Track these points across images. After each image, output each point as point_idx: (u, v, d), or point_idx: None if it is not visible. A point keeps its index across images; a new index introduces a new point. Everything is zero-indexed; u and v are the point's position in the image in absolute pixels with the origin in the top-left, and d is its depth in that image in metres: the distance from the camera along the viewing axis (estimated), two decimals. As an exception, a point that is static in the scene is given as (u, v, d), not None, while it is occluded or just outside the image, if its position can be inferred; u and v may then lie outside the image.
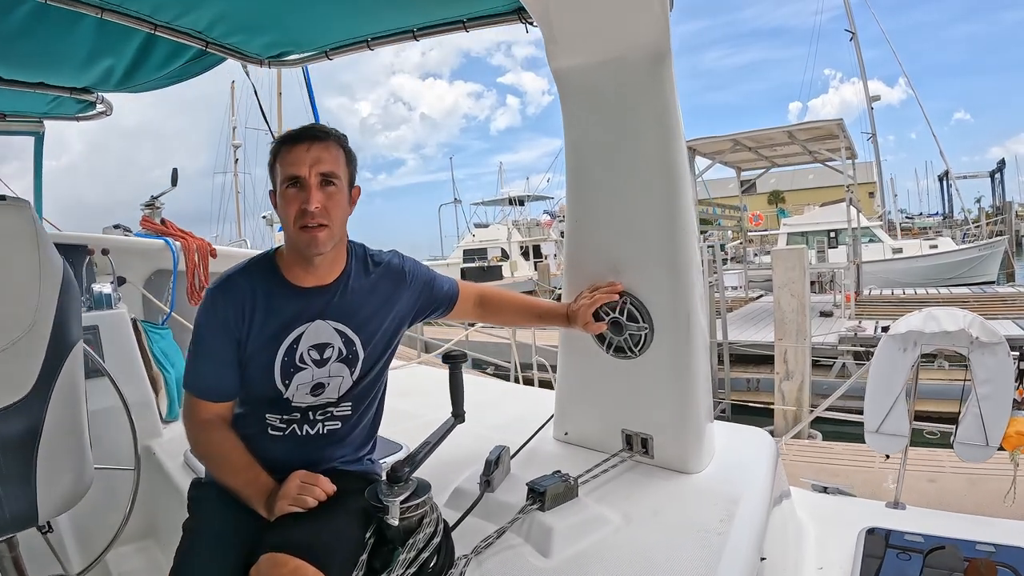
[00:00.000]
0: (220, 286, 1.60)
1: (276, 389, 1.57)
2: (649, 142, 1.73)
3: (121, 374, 2.52)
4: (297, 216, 1.50)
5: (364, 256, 1.71)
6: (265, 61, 2.75)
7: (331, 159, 1.54)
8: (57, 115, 3.73)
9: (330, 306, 1.60)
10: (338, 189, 1.55)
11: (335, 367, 1.60)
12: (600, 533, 1.58)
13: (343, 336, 1.60)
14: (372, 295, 1.66)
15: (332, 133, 1.59)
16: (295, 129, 1.59)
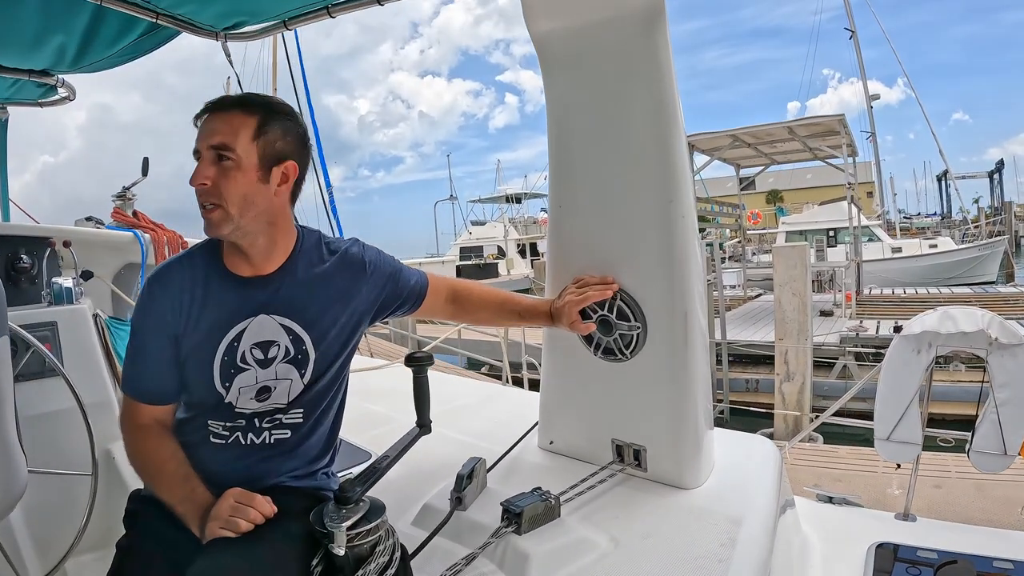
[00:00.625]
0: (157, 275, 1.45)
1: (216, 392, 1.39)
2: (642, 116, 1.54)
3: (81, 373, 2.41)
4: (197, 194, 1.35)
5: (318, 244, 1.51)
6: (220, 34, 2.59)
7: (227, 130, 1.35)
8: (20, 100, 3.63)
9: (274, 299, 1.41)
10: (235, 163, 1.34)
11: (282, 368, 1.41)
12: (584, 560, 1.41)
13: (291, 333, 1.41)
14: (325, 287, 1.47)
15: (245, 101, 1.41)
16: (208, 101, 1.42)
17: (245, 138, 1.35)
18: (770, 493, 1.70)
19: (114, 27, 2.46)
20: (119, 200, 3.63)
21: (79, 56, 2.75)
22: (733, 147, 14.28)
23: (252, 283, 1.42)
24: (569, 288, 1.73)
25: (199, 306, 1.40)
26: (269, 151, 1.38)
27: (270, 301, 1.41)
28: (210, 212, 1.34)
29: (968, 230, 28.79)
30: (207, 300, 1.40)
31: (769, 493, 1.70)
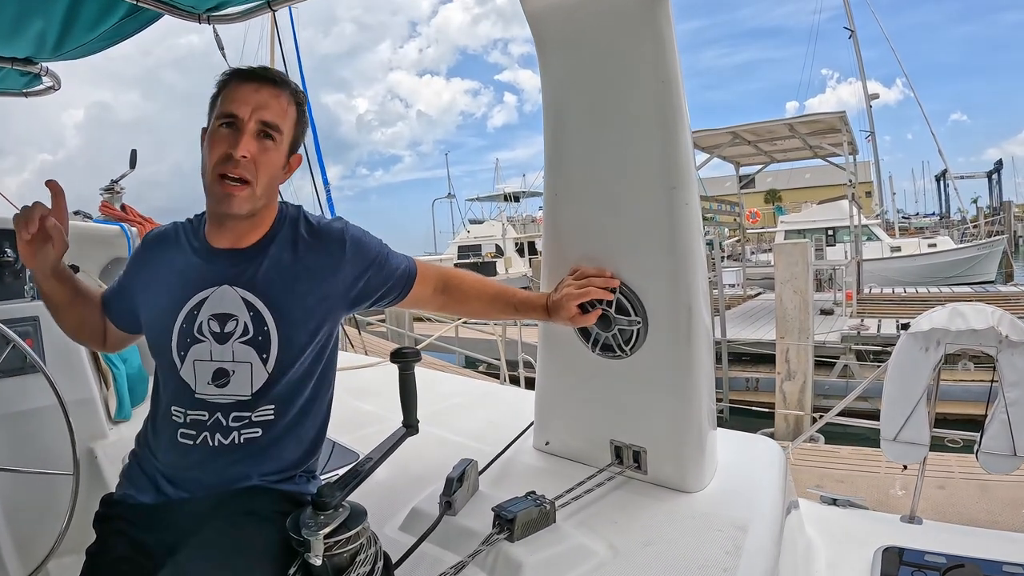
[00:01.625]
0: (150, 233, 1.53)
1: (172, 362, 1.33)
2: (644, 97, 1.45)
3: (63, 370, 2.38)
4: (220, 160, 1.29)
5: (296, 220, 1.44)
6: (202, 16, 2.51)
7: (278, 109, 1.34)
8: (3, 90, 3.47)
9: (242, 272, 1.35)
10: (276, 145, 1.34)
11: (240, 349, 1.32)
12: (580, 569, 1.33)
13: (252, 309, 1.33)
14: (297, 266, 1.38)
15: (290, 84, 1.39)
16: (250, 67, 1.37)
17: (289, 121, 1.37)
18: (775, 496, 1.62)
19: (94, 10, 2.39)
20: (107, 193, 3.57)
21: (60, 42, 2.68)
22: (733, 144, 14.21)
23: (224, 254, 1.37)
24: (567, 280, 1.63)
25: (169, 268, 1.40)
26: (296, 140, 1.40)
27: (237, 274, 1.35)
28: (238, 188, 1.29)
29: (967, 230, 28.80)
30: (179, 266, 1.39)
31: (774, 496, 1.62)
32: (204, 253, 1.38)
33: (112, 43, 2.68)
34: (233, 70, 1.36)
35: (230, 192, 1.28)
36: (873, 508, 2.46)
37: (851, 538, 2.00)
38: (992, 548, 1.89)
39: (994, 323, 2.23)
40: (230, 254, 1.36)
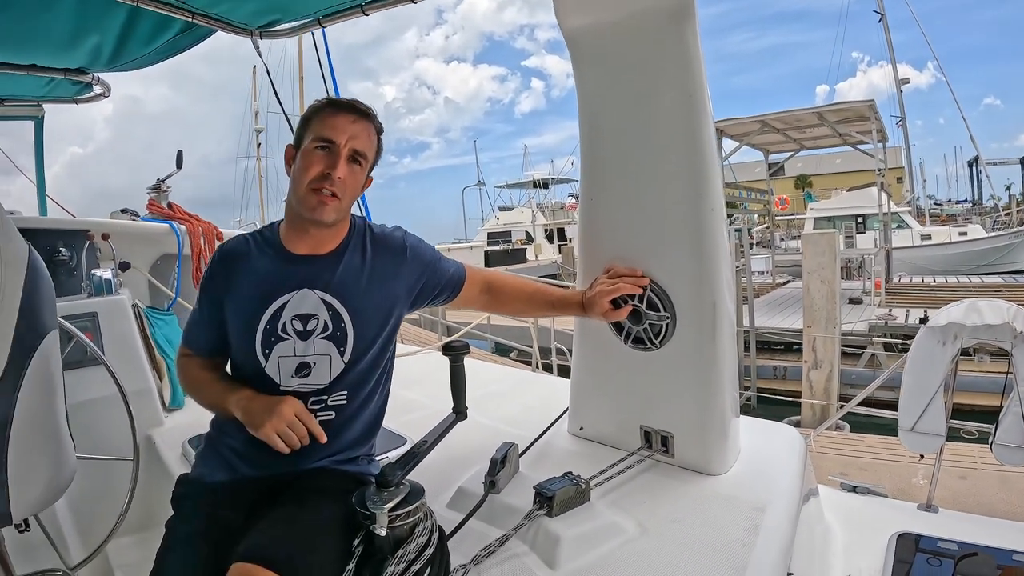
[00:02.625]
0: (222, 247, 1.63)
1: (256, 360, 1.48)
2: (671, 110, 1.55)
3: (121, 362, 2.48)
4: (316, 178, 1.47)
5: (365, 230, 1.62)
6: (255, 32, 2.64)
7: (367, 140, 1.54)
8: (55, 98, 3.70)
9: (319, 276, 1.51)
10: (361, 170, 1.55)
11: (320, 344, 1.49)
12: (612, 543, 1.44)
13: (330, 309, 1.49)
14: (367, 270, 1.56)
15: (376, 118, 1.58)
16: (346, 98, 1.58)
17: (372, 151, 1.56)
18: (794, 481, 1.72)
19: (149, 26, 2.51)
20: (154, 192, 3.72)
21: (115, 55, 2.81)
22: (762, 133, 14.15)
23: (303, 260, 1.52)
24: (600, 279, 1.76)
25: (250, 275, 1.53)
26: (373, 163, 1.58)
27: (315, 277, 1.50)
28: (329, 200, 1.47)
29: (999, 217, 28.21)
30: (258, 270, 1.53)
31: (793, 481, 1.72)
32: (284, 259, 1.53)
33: (166, 57, 2.80)
34: (329, 100, 1.55)
35: (324, 201, 1.46)
36: (894, 496, 2.51)
37: (868, 524, 2.06)
38: (1006, 537, 1.95)
39: (1009, 319, 2.30)
40: (309, 260, 1.52)
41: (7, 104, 3.74)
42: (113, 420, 2.26)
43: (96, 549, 2.10)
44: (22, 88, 3.51)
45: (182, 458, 2.43)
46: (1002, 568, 1.80)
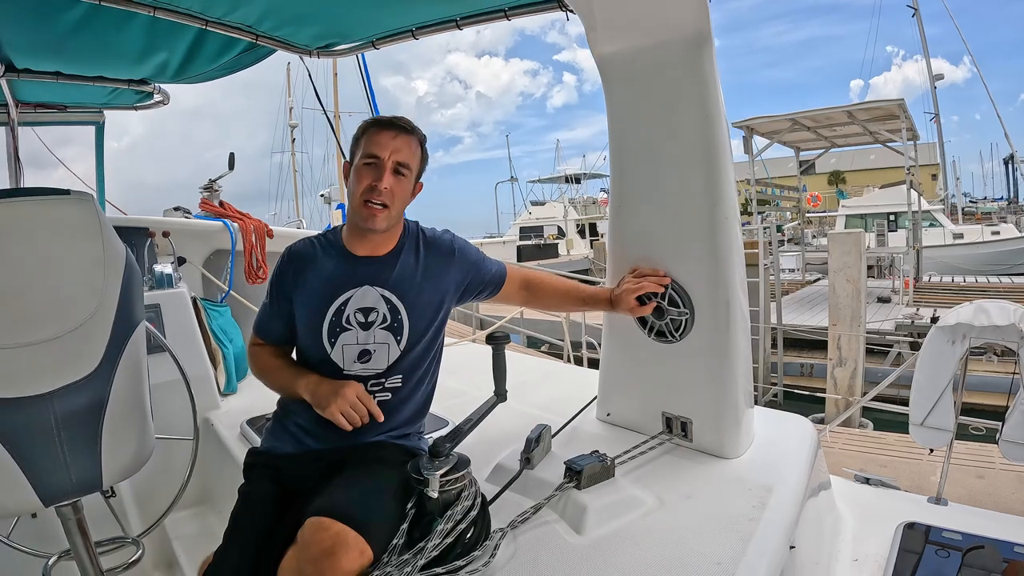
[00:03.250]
0: (289, 248, 1.80)
1: (323, 348, 1.67)
2: (690, 128, 1.73)
3: (181, 349, 2.61)
4: (365, 190, 1.64)
5: (417, 233, 1.81)
6: (314, 52, 2.82)
7: (409, 152, 1.70)
8: (116, 105, 3.90)
9: (380, 275, 1.71)
10: (407, 179, 1.71)
11: (380, 334, 1.68)
12: (633, 514, 1.61)
13: (388, 303, 1.69)
14: (420, 269, 1.75)
15: (417, 131, 1.74)
16: (389, 116, 1.74)
17: (416, 160, 1.73)
18: (803, 467, 1.86)
19: (215, 46, 2.69)
20: (206, 192, 3.94)
21: (180, 70, 2.99)
22: (792, 130, 14.15)
23: (364, 260, 1.72)
24: (627, 278, 1.94)
25: (316, 274, 1.72)
26: (419, 173, 1.75)
27: (375, 276, 1.70)
28: (379, 210, 1.65)
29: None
30: (324, 270, 1.72)
31: (802, 467, 1.86)
32: (347, 260, 1.72)
33: (228, 73, 2.99)
34: (374, 120, 1.73)
35: (373, 213, 1.64)
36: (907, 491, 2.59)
37: (878, 513, 2.17)
38: (1009, 531, 2.05)
39: (1015, 320, 2.41)
40: (369, 260, 1.72)
41: (70, 110, 3.97)
42: (174, 403, 2.40)
43: (156, 521, 2.22)
44: (86, 96, 3.71)
45: (241, 437, 2.64)
46: (1008, 561, 1.89)
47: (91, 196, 1.45)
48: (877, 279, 15.02)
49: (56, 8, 2.38)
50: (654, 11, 1.67)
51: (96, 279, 1.38)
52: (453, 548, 1.39)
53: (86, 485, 1.41)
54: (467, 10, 2.42)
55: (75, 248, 1.37)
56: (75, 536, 1.51)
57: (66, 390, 1.32)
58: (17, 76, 3.09)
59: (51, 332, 1.30)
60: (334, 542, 1.31)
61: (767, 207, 16.10)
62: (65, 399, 1.32)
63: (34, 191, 1.37)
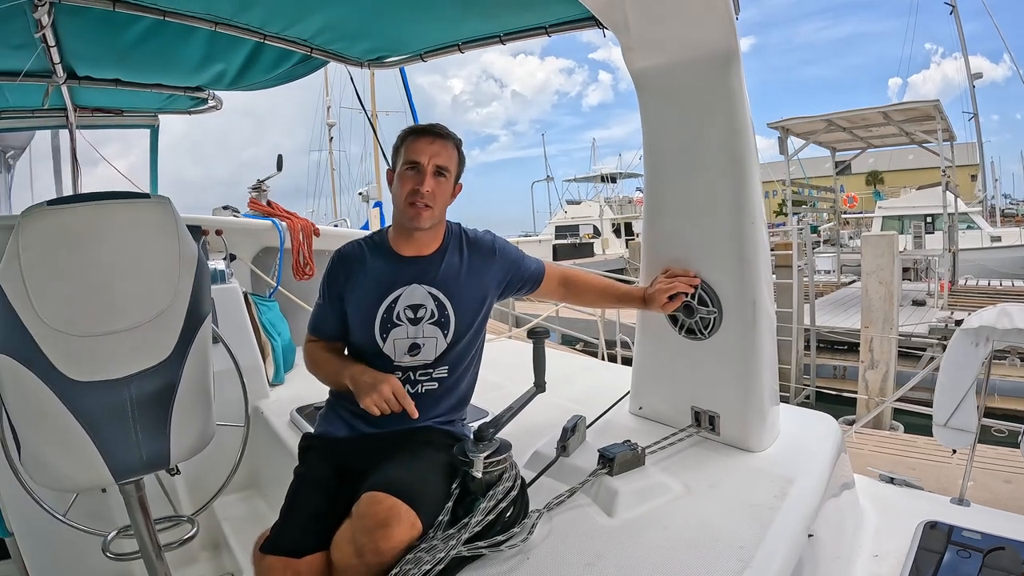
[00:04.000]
0: (339, 251, 1.93)
1: (375, 343, 1.81)
2: (719, 139, 1.84)
3: (233, 341, 2.68)
4: (409, 194, 1.77)
5: (460, 233, 1.94)
6: (365, 63, 2.96)
7: (447, 156, 1.82)
8: (171, 110, 4.06)
9: (426, 273, 1.83)
10: (447, 180, 1.83)
11: (429, 328, 1.82)
12: (661, 499, 1.71)
13: (436, 300, 1.82)
14: (464, 267, 1.88)
15: (452, 136, 1.86)
16: (425, 124, 1.88)
17: (454, 163, 1.85)
18: (825, 461, 1.93)
19: (271, 58, 2.82)
20: (255, 192, 4.12)
21: (236, 80, 3.13)
22: (828, 131, 13.97)
23: (411, 260, 1.85)
24: (659, 278, 2.05)
25: (366, 275, 1.85)
26: (458, 174, 1.87)
27: (422, 274, 1.83)
28: (423, 210, 1.77)
29: (1075, 219, 26.73)
30: (373, 270, 1.85)
31: (824, 461, 1.93)
32: (395, 260, 1.86)
33: (282, 83, 3.14)
34: (411, 128, 1.85)
35: (419, 212, 1.77)
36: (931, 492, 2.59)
37: (900, 512, 2.20)
38: None
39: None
40: (415, 260, 1.86)
41: (126, 115, 4.14)
42: (226, 392, 2.45)
43: (207, 502, 2.30)
44: (142, 101, 3.89)
45: (290, 424, 2.79)
46: None
47: (168, 199, 1.57)
48: (913, 282, 14.83)
49: (122, 22, 2.50)
50: (684, 31, 1.78)
51: (172, 275, 1.50)
52: (494, 525, 1.50)
53: (154, 463, 1.51)
54: (510, 27, 2.54)
55: (155, 246, 1.49)
56: (136, 513, 1.61)
57: (142, 375, 1.44)
58: (78, 83, 3.25)
59: (131, 322, 1.42)
60: (388, 514, 1.43)
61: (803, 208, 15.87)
62: (140, 383, 1.44)
63: (119, 195, 1.50)
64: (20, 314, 1.33)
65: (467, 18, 2.52)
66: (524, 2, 2.34)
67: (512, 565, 1.47)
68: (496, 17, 2.49)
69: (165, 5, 2.37)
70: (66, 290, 1.38)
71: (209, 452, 1.97)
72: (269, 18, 2.47)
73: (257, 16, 2.46)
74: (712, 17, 1.70)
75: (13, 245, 1.36)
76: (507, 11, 2.42)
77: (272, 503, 2.90)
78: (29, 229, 1.37)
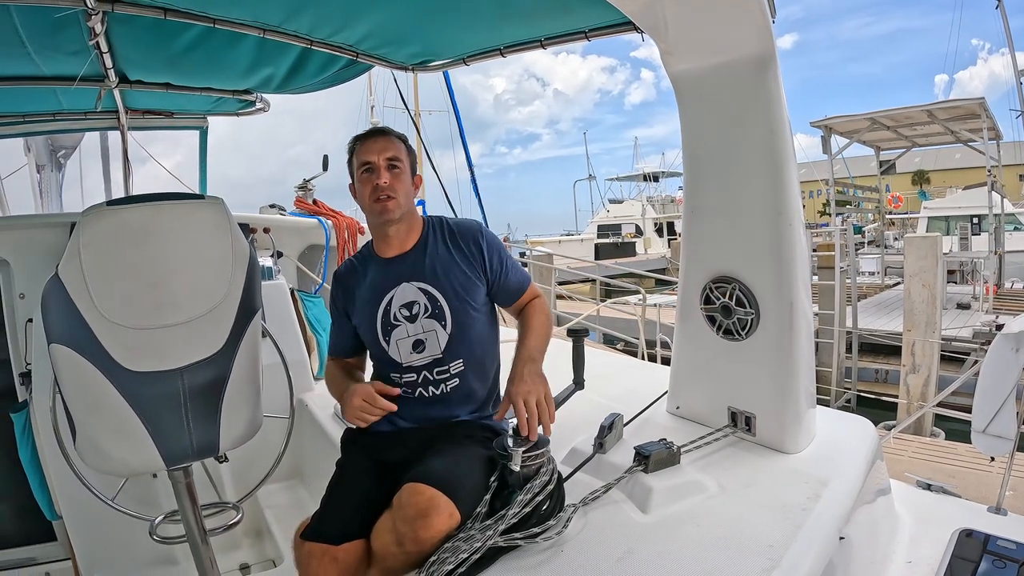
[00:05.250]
0: (336, 273, 2.06)
1: (382, 348, 1.90)
2: (757, 141, 1.86)
3: (280, 336, 2.77)
4: (371, 192, 1.86)
5: (441, 224, 1.99)
6: (410, 68, 3.04)
7: (395, 149, 1.90)
8: (220, 112, 4.18)
9: (412, 269, 1.90)
10: (401, 171, 1.91)
11: (426, 323, 1.88)
12: (695, 498, 1.73)
13: (427, 294, 1.88)
14: (448, 255, 1.93)
15: (396, 132, 1.97)
16: (367, 129, 2.00)
17: (403, 155, 1.93)
18: (860, 464, 1.93)
19: (318, 63, 2.91)
20: (301, 191, 4.23)
21: (283, 83, 3.22)
22: (872, 130, 13.77)
23: (395, 260, 1.93)
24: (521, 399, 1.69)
25: (361, 287, 1.94)
26: (412, 167, 1.97)
27: (408, 272, 1.90)
28: (388, 202, 1.85)
29: None
30: (366, 281, 1.94)
31: (859, 464, 1.92)
32: (382, 265, 1.94)
33: (328, 87, 3.23)
34: (356, 136, 1.96)
35: (384, 205, 1.86)
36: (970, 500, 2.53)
37: (936, 519, 2.16)
38: None
39: (1079, 330, 2.41)
40: (400, 259, 1.93)
41: (176, 116, 4.27)
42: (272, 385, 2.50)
43: (251, 490, 2.37)
44: (192, 104, 4.01)
45: (334, 417, 2.87)
46: None
47: (222, 200, 1.64)
48: (959, 284, 14.49)
49: (172, 29, 2.60)
50: (721, 35, 1.80)
51: (225, 271, 1.57)
52: (530, 518, 1.54)
53: (204, 450, 1.57)
54: (550, 31, 2.59)
55: (209, 244, 1.56)
56: (184, 498, 1.67)
57: (195, 366, 1.50)
58: (130, 87, 3.38)
59: (186, 316, 1.49)
60: (428, 505, 1.49)
61: (847, 208, 15.60)
62: (193, 374, 1.50)
63: (175, 195, 1.58)
64: (80, 307, 1.41)
65: (508, 23, 2.57)
66: (564, 7, 2.38)
67: (546, 557, 1.52)
68: (536, 22, 2.54)
69: (215, 13, 2.46)
70: (124, 285, 1.45)
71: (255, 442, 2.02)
72: (316, 25, 2.55)
73: (304, 23, 2.54)
74: (748, 21, 1.72)
75: (74, 243, 1.43)
76: (547, 16, 2.47)
77: (314, 493, 2.98)
78: (90, 228, 1.44)
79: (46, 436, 2.62)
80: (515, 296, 2.04)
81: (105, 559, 2.79)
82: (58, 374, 1.48)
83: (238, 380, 1.62)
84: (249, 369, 1.68)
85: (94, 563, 2.79)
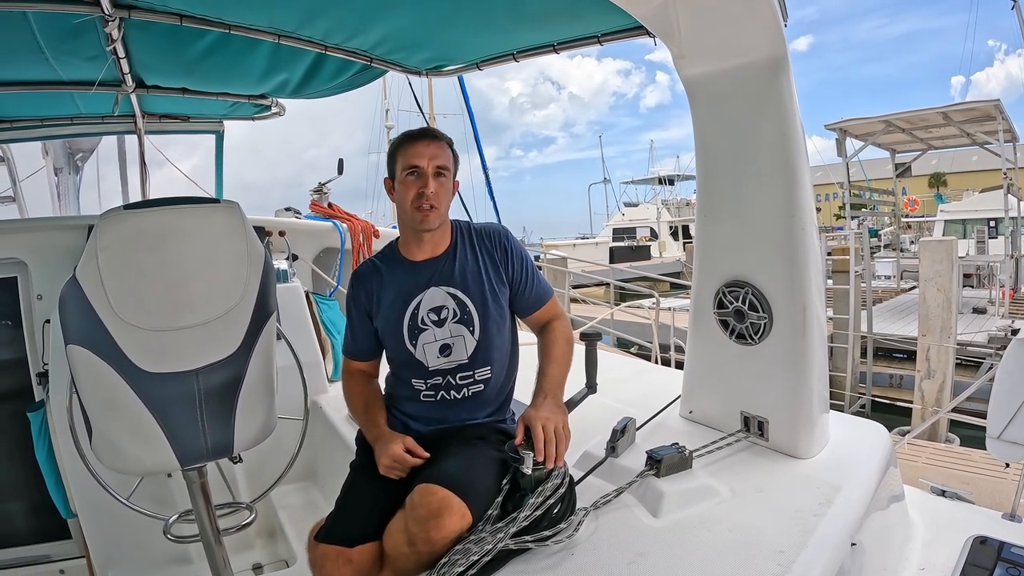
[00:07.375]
0: (356, 273, 2.00)
1: (407, 350, 1.88)
2: (770, 145, 1.86)
3: (295, 338, 2.82)
4: (415, 198, 1.82)
5: (469, 231, 1.98)
6: (423, 72, 3.05)
7: (444, 156, 1.86)
8: (236, 116, 4.21)
9: (442, 274, 1.89)
10: (447, 180, 1.87)
11: (454, 327, 1.87)
12: (707, 502, 1.72)
13: (455, 299, 1.87)
14: (475, 261, 1.92)
15: (445, 137, 1.91)
16: (417, 129, 1.93)
17: (451, 162, 1.89)
18: (873, 470, 1.91)
19: (333, 68, 2.93)
20: (316, 194, 4.26)
21: (299, 88, 3.25)
22: (887, 132, 13.70)
23: (424, 264, 1.91)
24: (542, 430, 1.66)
25: (386, 289, 1.91)
26: (455, 173, 1.92)
27: (438, 276, 1.89)
28: (430, 212, 1.82)
29: None
30: (392, 283, 1.91)
31: (872, 470, 1.91)
32: (410, 268, 1.92)
33: (343, 91, 3.26)
34: (405, 134, 1.90)
35: (426, 214, 1.82)
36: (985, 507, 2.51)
37: (950, 525, 2.15)
38: None
39: (1097, 335, 2.38)
40: (429, 263, 1.91)
41: (192, 121, 4.32)
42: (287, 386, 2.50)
43: (267, 489, 2.38)
44: (208, 108, 4.05)
45: (348, 419, 2.87)
46: None
47: (237, 204, 1.66)
48: (976, 288, 14.35)
49: (188, 35, 2.63)
50: (733, 39, 1.81)
51: (240, 274, 1.58)
52: (541, 521, 1.54)
53: (219, 450, 1.59)
54: (563, 36, 2.60)
55: (225, 248, 1.58)
56: (198, 498, 1.69)
57: (210, 368, 1.52)
58: (147, 92, 3.41)
59: (202, 318, 1.51)
60: (440, 505, 1.50)
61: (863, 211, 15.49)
62: (209, 375, 1.52)
63: (191, 199, 1.60)
64: (97, 309, 1.43)
65: (520, 29, 2.59)
66: (576, 13, 2.39)
67: (557, 560, 1.52)
68: (549, 27, 2.55)
69: (230, 19, 2.48)
70: (141, 288, 1.47)
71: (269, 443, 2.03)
72: (331, 30, 2.57)
73: (319, 29, 2.56)
74: (760, 24, 1.72)
75: (92, 246, 1.45)
76: (560, 22, 2.48)
77: (327, 494, 3.00)
78: (107, 231, 1.47)
79: (62, 435, 2.66)
80: (534, 307, 2.01)
81: (119, 557, 2.82)
82: (75, 374, 1.50)
83: (253, 382, 1.64)
84: (264, 371, 1.69)
85: (108, 561, 2.82)
